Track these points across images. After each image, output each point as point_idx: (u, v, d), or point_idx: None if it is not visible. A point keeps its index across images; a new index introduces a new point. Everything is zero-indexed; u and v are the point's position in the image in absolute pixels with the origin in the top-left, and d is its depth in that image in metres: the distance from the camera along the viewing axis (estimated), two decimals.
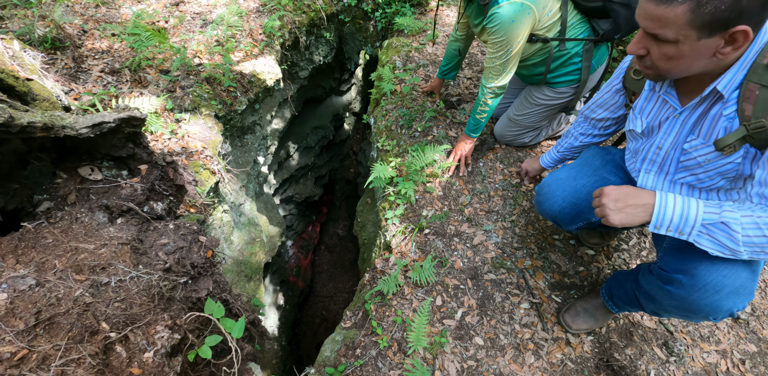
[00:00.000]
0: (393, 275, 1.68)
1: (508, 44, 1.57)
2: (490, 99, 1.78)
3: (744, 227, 0.89)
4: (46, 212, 1.16)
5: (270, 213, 3.56)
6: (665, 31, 0.84)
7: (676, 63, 0.91)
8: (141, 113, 1.11)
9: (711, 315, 1.04)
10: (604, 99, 1.38)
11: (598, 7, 1.60)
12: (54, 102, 1.25)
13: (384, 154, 2.32)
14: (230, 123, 2.68)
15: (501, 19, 1.49)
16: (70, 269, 1.06)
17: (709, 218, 0.93)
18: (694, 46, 0.85)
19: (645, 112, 1.17)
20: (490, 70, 1.69)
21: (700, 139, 1.03)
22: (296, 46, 3.45)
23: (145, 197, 1.28)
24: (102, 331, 1.04)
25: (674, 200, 0.97)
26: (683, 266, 1.05)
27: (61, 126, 1.00)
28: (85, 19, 2.87)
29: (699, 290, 1.01)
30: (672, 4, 0.80)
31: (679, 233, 0.98)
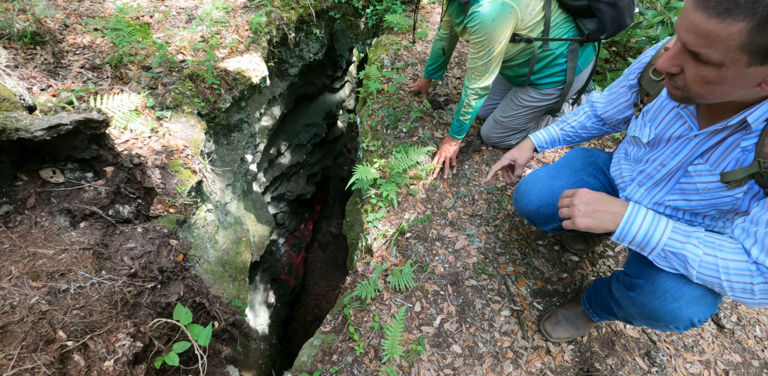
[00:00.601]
0: (372, 280, 1.65)
1: (490, 44, 1.53)
2: (473, 100, 1.74)
3: (702, 265, 0.87)
4: (5, 215, 1.12)
5: (258, 211, 3.52)
6: (710, 52, 0.71)
7: (712, 88, 0.78)
8: (100, 115, 1.07)
9: (672, 324, 1.01)
10: (616, 95, 1.26)
11: (583, 6, 1.56)
12: (15, 102, 1.20)
13: (369, 155, 2.28)
14: (214, 121, 2.63)
15: (481, 18, 1.45)
16: (27, 276, 1.03)
17: (672, 245, 0.90)
18: (740, 73, 0.72)
19: (656, 122, 1.06)
20: (473, 70, 1.66)
21: (707, 165, 0.96)
22: (285, 43, 3.40)
23: (109, 200, 1.24)
24: (59, 339, 1.00)
25: (644, 216, 0.94)
26: (645, 271, 1.03)
27: (14, 128, 0.96)
28: (67, 13, 2.81)
29: (659, 297, 0.99)
30: (728, 19, 0.66)
31: (640, 249, 0.96)
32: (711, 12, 0.67)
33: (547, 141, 1.45)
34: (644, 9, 2.66)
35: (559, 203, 1.06)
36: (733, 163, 0.90)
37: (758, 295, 0.83)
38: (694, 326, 1.02)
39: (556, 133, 1.45)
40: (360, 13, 3.67)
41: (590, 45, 1.77)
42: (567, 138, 1.45)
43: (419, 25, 3.21)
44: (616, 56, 3.04)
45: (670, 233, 0.91)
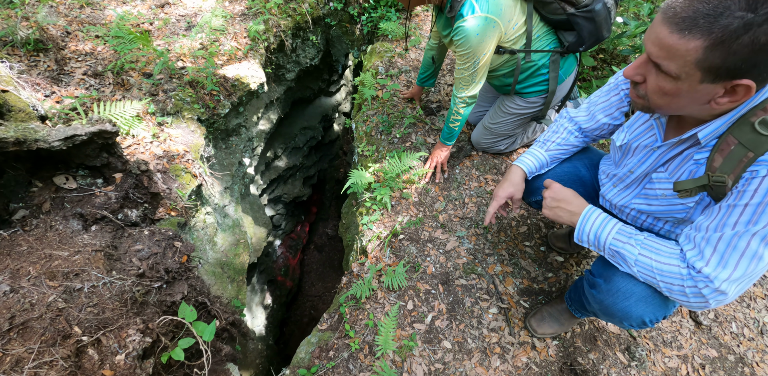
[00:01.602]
0: (367, 280, 1.73)
1: (475, 56, 1.62)
2: (462, 108, 1.83)
3: (638, 264, 0.98)
4: (22, 219, 1.19)
5: (256, 214, 3.59)
6: (669, 64, 0.77)
7: (669, 100, 0.85)
8: (112, 127, 1.15)
9: (624, 321, 1.10)
10: (610, 103, 1.28)
11: (562, 20, 1.66)
12: (30, 112, 1.28)
13: (364, 160, 2.37)
14: (213, 126, 2.70)
15: (466, 32, 1.54)
16: (44, 276, 1.10)
17: (615, 244, 1.02)
18: (694, 88, 0.79)
19: (631, 129, 1.14)
20: (460, 80, 1.75)
21: (666, 173, 1.05)
22: (282, 49, 3.48)
23: (119, 204, 1.31)
24: (74, 335, 1.08)
25: (595, 218, 1.06)
26: (605, 271, 1.13)
27: (34, 139, 1.03)
28: (69, 20, 2.87)
29: (613, 295, 1.09)
30: (687, 36, 0.72)
31: (597, 249, 1.08)
32: (674, 27, 0.73)
33: (537, 167, 1.44)
34: (628, 19, 2.78)
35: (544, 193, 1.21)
36: (686, 174, 0.99)
37: (691, 298, 0.91)
38: (646, 325, 1.10)
39: (543, 157, 1.44)
40: (355, 20, 3.76)
41: (571, 56, 1.86)
42: (555, 158, 1.46)
43: (413, 32, 3.31)
44: (603, 64, 3.15)
45: (615, 234, 1.02)
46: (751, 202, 0.81)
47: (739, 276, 0.86)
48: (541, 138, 1.48)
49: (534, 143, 1.49)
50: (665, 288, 0.96)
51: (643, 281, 1.01)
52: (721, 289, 0.86)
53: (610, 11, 1.64)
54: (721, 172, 0.87)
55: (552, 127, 1.47)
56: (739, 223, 0.84)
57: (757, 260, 0.84)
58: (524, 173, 1.44)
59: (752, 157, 0.82)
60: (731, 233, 0.85)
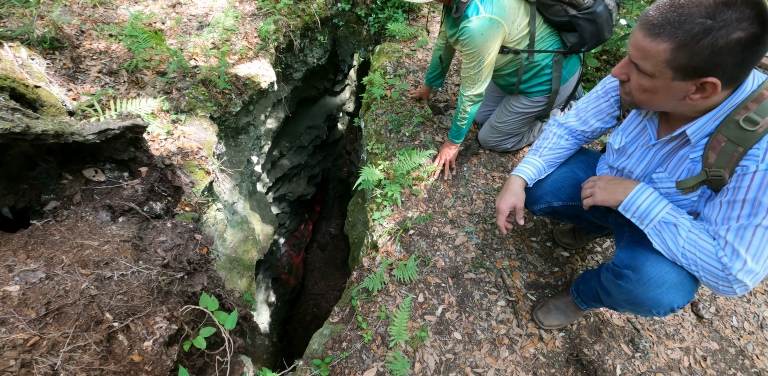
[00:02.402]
0: (378, 273, 1.78)
1: (480, 56, 1.67)
2: (468, 106, 1.88)
3: (688, 236, 1.03)
4: (53, 210, 1.24)
5: (263, 211, 3.64)
6: (644, 63, 0.89)
7: (649, 96, 0.96)
8: (143, 121, 1.20)
9: (654, 309, 1.15)
10: (600, 109, 1.35)
11: (564, 22, 1.71)
12: (60, 108, 1.32)
13: (373, 157, 2.42)
14: (225, 124, 2.75)
15: (471, 32, 1.59)
16: (77, 264, 1.15)
17: (668, 218, 1.07)
18: (667, 85, 0.90)
19: (626, 132, 1.23)
20: (466, 79, 1.80)
21: (666, 173, 1.13)
22: (290, 49, 3.53)
23: (145, 197, 1.36)
24: (106, 321, 1.13)
25: (650, 193, 1.12)
26: (632, 261, 1.17)
27: (70, 133, 1.08)
28: (82, 19, 2.92)
29: (644, 284, 1.13)
30: (657, 39, 0.84)
31: (639, 221, 1.13)
32: (647, 32, 0.86)
33: (536, 173, 1.48)
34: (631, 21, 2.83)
35: (584, 185, 1.28)
36: (685, 172, 1.07)
37: (720, 282, 0.99)
38: (672, 312, 1.15)
39: (540, 164, 1.47)
40: (363, 21, 3.81)
41: (575, 56, 1.92)
42: (551, 163, 1.49)
43: (420, 33, 3.36)
44: (606, 65, 3.21)
45: (669, 209, 1.08)
46: (747, 197, 0.91)
47: (752, 267, 0.93)
48: (533, 146, 1.53)
49: (528, 153, 1.53)
50: (701, 267, 1.01)
51: (683, 258, 1.05)
52: (739, 278, 0.94)
53: (612, 13, 1.70)
54: (716, 167, 0.96)
55: (541, 135, 1.53)
56: (741, 216, 0.93)
57: (763, 247, 0.91)
58: (524, 182, 1.48)
59: (742, 152, 0.91)
60: (737, 226, 0.93)
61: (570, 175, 1.50)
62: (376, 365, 1.55)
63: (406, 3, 3.62)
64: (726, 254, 0.96)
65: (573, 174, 1.50)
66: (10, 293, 1.03)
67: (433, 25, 3.57)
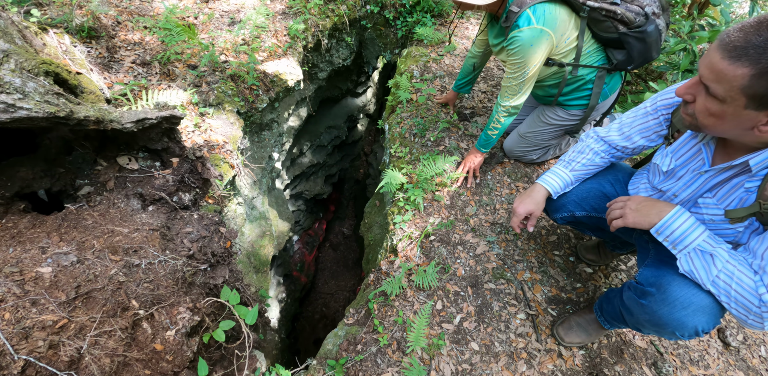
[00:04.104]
0: (397, 278, 1.76)
1: (526, 66, 1.65)
2: (503, 117, 1.86)
3: (725, 267, 0.99)
4: (87, 195, 1.26)
5: (280, 208, 3.65)
6: (717, 86, 0.84)
7: (714, 121, 0.90)
8: (180, 113, 1.21)
9: (678, 331, 1.10)
10: (647, 126, 1.31)
11: (613, 39, 1.68)
12: (99, 95, 1.34)
13: (396, 161, 2.40)
14: (250, 119, 2.77)
15: (521, 42, 1.58)
16: (107, 250, 1.16)
17: (704, 247, 1.02)
18: (738, 113, 0.84)
19: (677, 154, 1.17)
20: (507, 89, 1.78)
21: (714, 199, 1.08)
22: (318, 49, 3.55)
23: (175, 187, 1.37)
24: (132, 308, 1.13)
25: (687, 217, 1.07)
26: (657, 280, 1.13)
27: (110, 120, 1.10)
28: (119, 10, 2.98)
29: (669, 305, 1.09)
30: (736, 62, 0.78)
31: (672, 246, 1.08)
32: (726, 54, 0.80)
33: (562, 187, 1.46)
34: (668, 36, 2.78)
35: (611, 205, 1.23)
36: (736, 201, 1.03)
37: (751, 316, 0.95)
38: (697, 335, 1.11)
39: (568, 177, 1.46)
40: (390, 24, 3.82)
41: (617, 73, 1.88)
42: (579, 178, 1.48)
43: (447, 38, 3.35)
44: (637, 79, 3.15)
45: (706, 237, 1.03)
46: None
47: None
48: (565, 157, 1.50)
49: (558, 162, 1.51)
50: (734, 298, 0.97)
51: (712, 287, 1.01)
52: None
53: (661, 33, 1.66)
54: None
55: (577, 147, 1.49)
56: None
57: None
58: (548, 193, 1.46)
59: None
60: None
61: (596, 186, 1.47)
62: (391, 370, 1.53)
63: (434, 7, 3.62)
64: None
65: (599, 186, 1.46)
66: (43, 274, 1.04)
67: (461, 31, 3.56)
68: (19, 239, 1.13)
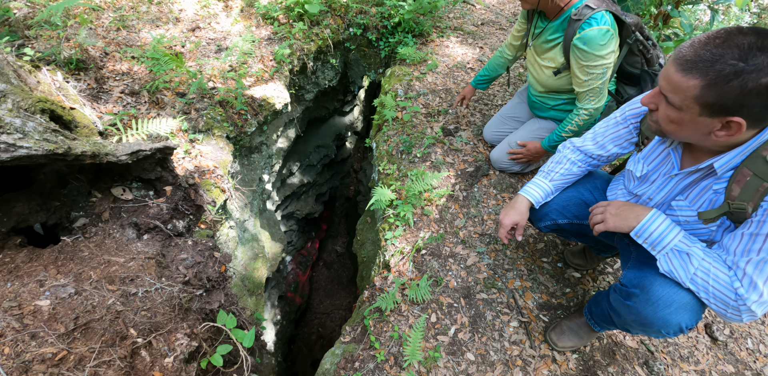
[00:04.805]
0: (391, 293, 1.80)
1: (607, 62, 1.69)
2: (583, 120, 1.90)
3: (700, 265, 1.05)
4: (82, 227, 1.29)
5: (272, 229, 3.67)
6: (673, 96, 0.92)
7: (675, 127, 0.99)
8: (174, 143, 1.25)
9: (663, 329, 1.15)
10: (618, 135, 1.39)
11: (634, 74, 1.77)
12: (92, 128, 1.39)
13: (385, 178, 2.47)
14: (240, 143, 2.83)
15: (606, 37, 1.62)
16: (104, 280, 1.18)
17: (681, 247, 1.09)
18: (694, 119, 0.93)
19: (648, 160, 1.25)
20: (589, 92, 1.80)
21: (687, 201, 1.16)
22: (304, 71, 3.65)
23: (169, 215, 1.40)
24: (130, 336, 1.15)
25: (663, 220, 1.14)
26: (640, 281, 1.19)
27: (105, 153, 1.14)
28: (107, 41, 3.05)
29: (652, 304, 1.14)
30: (688, 75, 0.86)
31: (651, 248, 1.14)
32: (680, 67, 0.89)
33: (543, 196, 1.53)
34: None
35: (593, 210, 1.30)
36: (707, 202, 1.10)
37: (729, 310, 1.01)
38: (682, 332, 1.16)
39: (548, 187, 1.53)
40: (374, 45, 3.95)
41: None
42: (559, 187, 1.56)
43: (429, 57, 3.47)
44: None
45: (681, 237, 1.10)
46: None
47: (767, 299, 0.96)
48: (545, 168, 1.57)
49: (538, 173, 1.58)
50: (712, 294, 1.03)
51: (691, 285, 1.07)
52: (752, 309, 0.97)
53: None
54: (740, 200, 0.99)
55: (555, 157, 1.57)
56: (763, 250, 0.95)
57: None
58: (530, 203, 1.54)
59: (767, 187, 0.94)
60: (758, 259, 0.96)
61: (576, 194, 1.54)
62: None
63: (415, 28, 3.76)
64: (743, 285, 0.98)
65: (579, 194, 1.54)
66: (41, 307, 1.06)
67: (441, 50, 3.70)
68: (17, 273, 1.16)
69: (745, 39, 0.81)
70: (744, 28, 0.83)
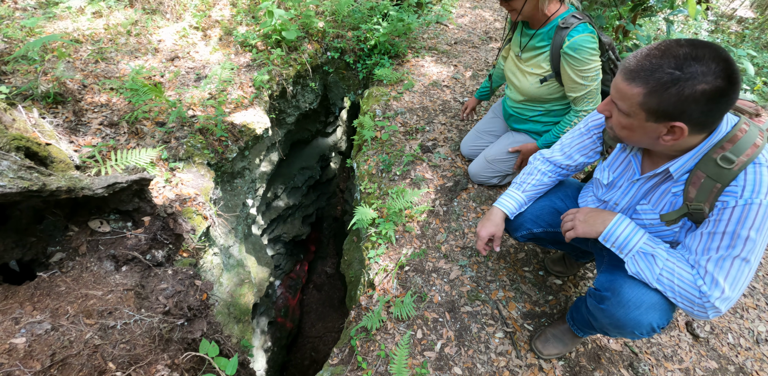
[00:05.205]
0: (376, 311, 1.80)
1: (598, 66, 1.78)
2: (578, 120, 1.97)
3: (665, 265, 1.10)
4: (59, 262, 1.28)
5: (258, 254, 3.65)
6: (622, 103, 0.99)
7: (628, 133, 1.05)
8: (150, 174, 1.28)
9: (636, 329, 1.19)
10: (583, 145, 1.46)
11: (605, 91, 1.86)
12: (68, 163, 1.41)
13: (366, 197, 2.50)
14: (221, 170, 2.85)
15: (592, 43, 1.72)
16: (81, 314, 1.18)
17: (645, 248, 1.15)
18: (642, 125, 0.99)
19: (612, 167, 1.32)
20: (586, 95, 1.86)
21: (650, 205, 1.22)
22: (284, 96, 3.73)
23: (148, 246, 1.41)
24: (109, 370, 1.14)
25: (628, 224, 1.20)
26: (612, 284, 1.23)
27: (81, 188, 1.16)
28: (85, 74, 3.08)
29: (624, 306, 1.18)
30: (632, 83, 0.94)
31: (619, 251, 1.20)
32: (625, 76, 0.96)
33: (517, 207, 1.58)
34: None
35: (563, 218, 1.35)
36: (668, 205, 1.17)
37: (696, 308, 1.06)
38: (655, 332, 1.20)
39: (521, 198, 1.58)
40: (351, 67, 4.06)
41: None
42: (532, 197, 1.60)
43: (405, 76, 3.59)
44: None
45: (646, 240, 1.16)
46: (727, 230, 1.00)
47: (729, 295, 1.01)
48: (517, 180, 1.63)
49: (511, 185, 1.64)
50: (678, 292, 1.08)
51: (658, 284, 1.11)
52: (716, 305, 1.02)
53: None
54: (697, 201, 1.05)
55: (526, 169, 1.63)
56: (721, 247, 1.01)
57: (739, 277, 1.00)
58: (504, 214, 1.58)
59: (720, 188, 1.00)
60: (717, 256, 1.02)
61: (548, 203, 1.60)
62: None
63: (391, 49, 3.89)
64: (705, 282, 1.03)
65: (551, 203, 1.60)
66: (17, 345, 1.05)
67: (417, 69, 3.82)
68: None
69: (681, 50, 0.89)
70: (681, 41, 0.91)
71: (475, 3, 5.49)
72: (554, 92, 1.99)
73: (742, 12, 7.80)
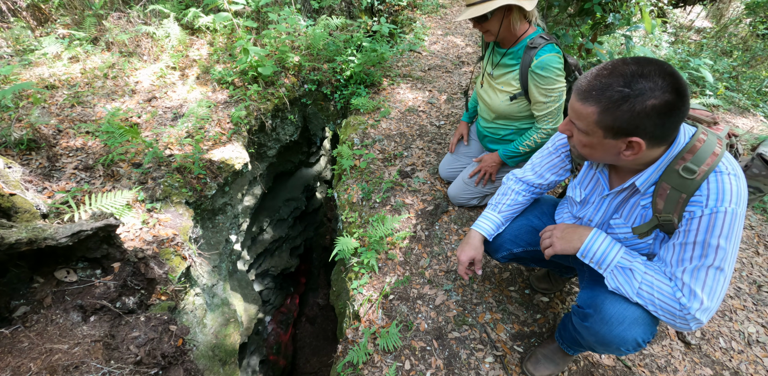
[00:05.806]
0: (362, 344, 1.75)
1: (562, 87, 1.83)
2: (540, 139, 2.00)
3: (644, 278, 1.11)
4: (23, 316, 1.23)
5: (245, 290, 3.56)
6: (579, 123, 1.02)
7: (589, 151, 1.07)
8: (116, 220, 1.26)
9: (622, 346, 1.17)
10: (553, 163, 1.50)
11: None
12: (34, 212, 1.38)
13: (348, 226, 2.49)
14: (201, 207, 2.82)
15: (557, 62, 1.77)
16: (45, 371, 1.12)
17: (623, 262, 1.15)
18: (601, 142, 1.01)
19: (583, 185, 1.35)
20: (548, 114, 1.92)
21: (622, 219, 1.24)
22: (263, 130, 3.76)
23: (117, 293, 1.37)
24: None
25: (604, 239, 1.21)
26: (593, 301, 1.22)
27: (43, 238, 1.13)
28: (60, 119, 3.08)
29: (607, 323, 1.16)
30: (586, 103, 0.97)
31: (597, 266, 1.20)
32: (579, 96, 0.99)
33: (494, 229, 1.59)
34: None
35: (542, 235, 1.35)
36: (639, 218, 1.19)
37: (677, 321, 1.06)
38: (641, 347, 1.18)
39: (497, 219, 1.60)
40: (329, 98, 4.15)
41: None
42: (508, 217, 1.62)
43: (381, 104, 3.67)
44: None
45: (623, 254, 1.16)
46: (697, 240, 1.01)
47: (708, 305, 1.01)
48: (492, 201, 1.65)
49: (487, 206, 1.66)
50: (658, 305, 1.07)
51: (638, 298, 1.11)
52: (697, 317, 1.02)
53: None
54: (665, 212, 1.07)
55: (501, 190, 1.65)
56: (694, 257, 1.02)
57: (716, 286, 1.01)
58: (483, 237, 1.59)
59: (686, 198, 1.03)
60: (691, 267, 1.03)
61: (526, 222, 1.61)
62: None
63: (366, 79, 4.00)
64: (684, 294, 1.03)
65: (528, 221, 1.61)
66: None
67: (393, 96, 3.92)
68: None
69: (628, 68, 0.93)
70: (627, 59, 0.96)
71: (446, 30, 5.73)
72: (523, 110, 2.05)
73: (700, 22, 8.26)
